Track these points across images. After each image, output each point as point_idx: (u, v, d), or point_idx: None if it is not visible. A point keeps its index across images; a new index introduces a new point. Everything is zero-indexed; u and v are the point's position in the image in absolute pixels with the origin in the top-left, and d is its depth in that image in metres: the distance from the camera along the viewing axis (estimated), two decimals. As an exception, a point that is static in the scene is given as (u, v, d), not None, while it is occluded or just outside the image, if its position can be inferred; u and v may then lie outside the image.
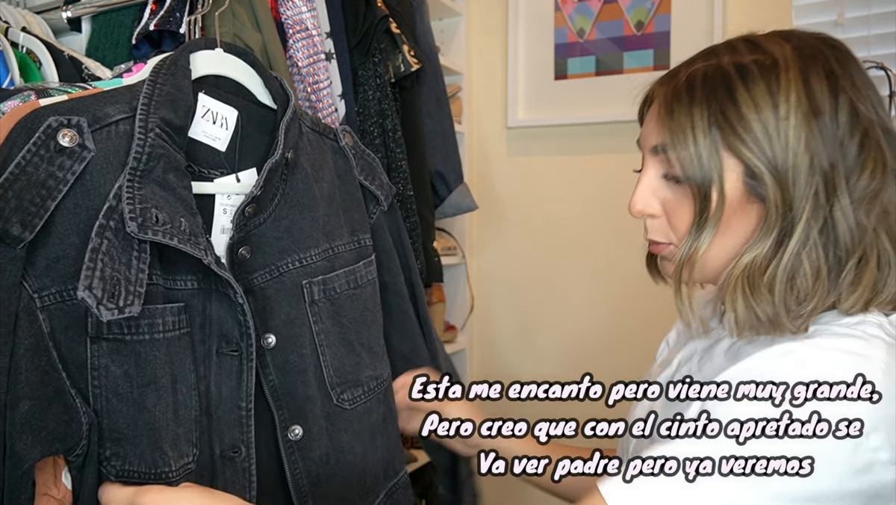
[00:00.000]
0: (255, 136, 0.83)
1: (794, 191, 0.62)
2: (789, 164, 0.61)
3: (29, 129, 0.64)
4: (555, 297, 2.02)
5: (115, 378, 0.66)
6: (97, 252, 0.63)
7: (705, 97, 0.64)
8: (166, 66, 0.74)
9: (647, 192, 0.70)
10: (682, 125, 0.64)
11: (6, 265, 0.61)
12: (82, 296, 0.61)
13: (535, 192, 2.05)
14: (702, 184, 0.64)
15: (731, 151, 0.63)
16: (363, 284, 0.88)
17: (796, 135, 0.61)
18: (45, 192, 0.62)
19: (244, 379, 0.75)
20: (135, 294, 0.64)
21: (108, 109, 0.69)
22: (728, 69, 0.64)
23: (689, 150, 0.64)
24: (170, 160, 0.70)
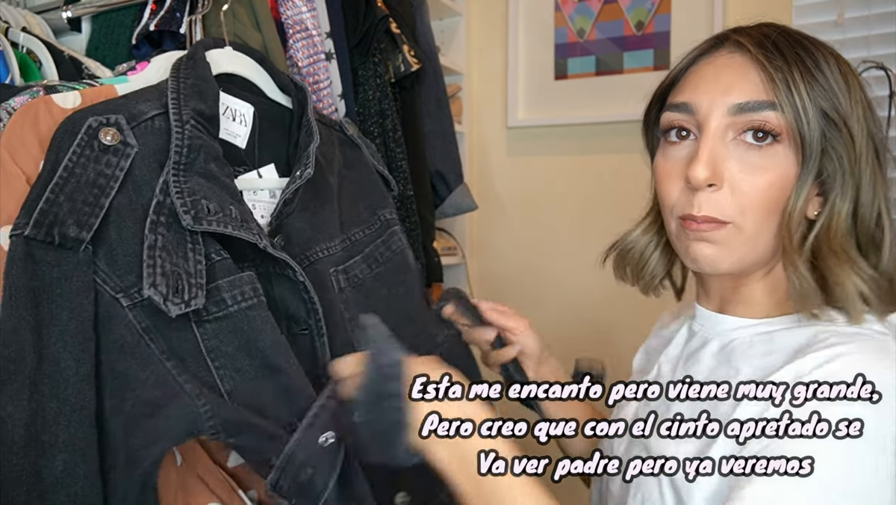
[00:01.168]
0: (270, 132, 0.84)
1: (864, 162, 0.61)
2: (859, 135, 0.61)
3: (71, 133, 0.64)
4: (555, 297, 2.02)
5: (230, 357, 0.66)
6: (154, 249, 0.63)
7: (796, 57, 0.61)
8: (184, 62, 0.75)
9: (715, 157, 0.62)
10: (788, 81, 0.60)
11: (72, 271, 0.60)
12: (148, 294, 0.61)
13: (535, 192, 2.05)
14: (811, 142, 0.59)
15: (824, 116, 0.60)
16: (386, 258, 0.87)
17: (863, 109, 0.62)
18: (97, 191, 0.62)
19: (318, 356, 0.75)
20: (198, 286, 0.64)
21: (142, 107, 0.69)
22: (796, 35, 0.63)
23: (798, 107, 0.59)
24: (209, 150, 0.70)
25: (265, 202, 0.82)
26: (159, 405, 0.61)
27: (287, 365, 0.67)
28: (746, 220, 0.62)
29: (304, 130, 0.82)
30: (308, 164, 0.77)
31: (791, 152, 0.61)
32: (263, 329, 0.67)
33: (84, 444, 0.59)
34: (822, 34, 1.88)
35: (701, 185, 0.62)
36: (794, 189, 0.60)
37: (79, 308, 0.60)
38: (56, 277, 0.60)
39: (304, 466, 0.64)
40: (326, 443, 0.65)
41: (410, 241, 1.37)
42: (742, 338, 0.67)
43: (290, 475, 0.63)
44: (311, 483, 0.65)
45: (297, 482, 0.64)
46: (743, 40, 0.63)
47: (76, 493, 0.58)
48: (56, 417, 0.58)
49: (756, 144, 0.61)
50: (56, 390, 0.59)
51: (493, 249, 2.12)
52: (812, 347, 0.60)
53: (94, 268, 0.62)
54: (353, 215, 0.87)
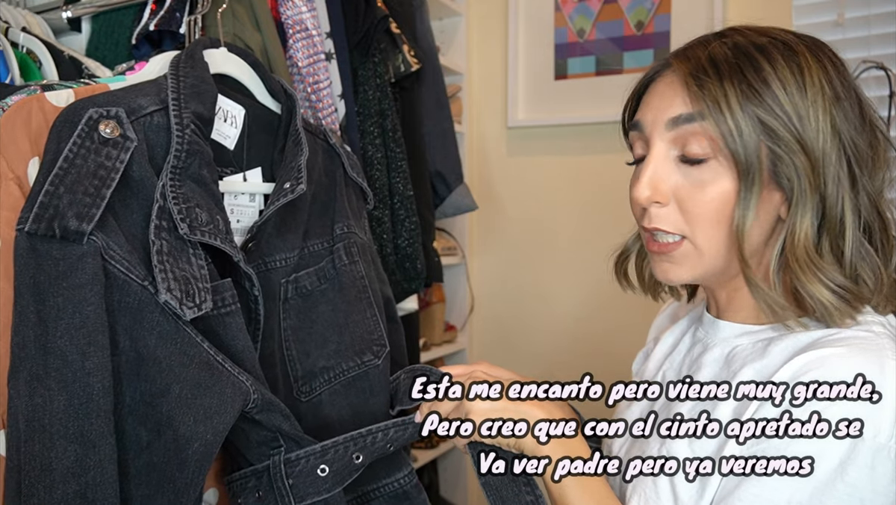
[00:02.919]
0: (259, 136, 0.84)
1: (826, 172, 0.60)
2: (819, 146, 0.60)
3: (71, 123, 0.64)
4: (555, 297, 2.02)
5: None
6: (161, 253, 0.64)
7: (733, 71, 0.61)
8: (183, 59, 0.75)
9: (656, 176, 0.64)
10: (716, 96, 0.60)
11: (76, 263, 0.60)
12: (165, 298, 0.62)
13: (535, 192, 2.05)
14: (746, 157, 0.60)
15: (763, 128, 0.60)
16: (331, 276, 0.87)
17: (824, 117, 0.60)
18: (98, 182, 0.62)
19: None
20: (205, 290, 0.66)
21: (141, 101, 0.69)
22: (749, 47, 0.62)
23: (728, 121, 0.60)
24: (203, 156, 0.71)
25: (244, 206, 0.82)
26: (207, 385, 0.63)
27: (253, 368, 0.70)
28: (696, 234, 0.64)
29: (292, 140, 0.82)
30: (300, 179, 0.78)
31: (726, 167, 0.62)
32: (236, 336, 0.70)
33: (94, 434, 0.60)
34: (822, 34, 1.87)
35: (644, 203, 0.65)
36: (738, 203, 0.61)
37: (85, 301, 0.60)
38: (61, 271, 0.60)
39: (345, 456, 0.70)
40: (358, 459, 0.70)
41: (410, 241, 1.38)
42: (744, 345, 0.67)
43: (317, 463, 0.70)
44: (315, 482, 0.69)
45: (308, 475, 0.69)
46: (680, 64, 0.64)
47: (87, 482, 0.59)
48: (66, 410, 0.59)
49: (693, 161, 0.63)
50: (63, 384, 0.59)
51: (493, 249, 2.12)
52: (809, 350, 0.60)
53: (115, 257, 0.62)
54: (318, 226, 0.87)
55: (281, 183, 0.79)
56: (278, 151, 0.85)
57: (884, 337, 0.60)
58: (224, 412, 0.64)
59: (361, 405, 0.89)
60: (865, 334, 0.60)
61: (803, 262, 0.60)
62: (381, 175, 1.35)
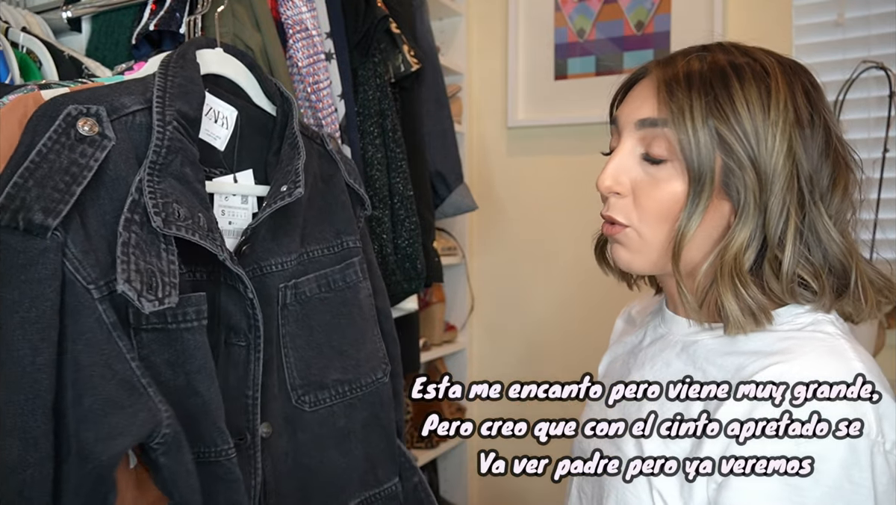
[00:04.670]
0: (252, 138, 0.83)
1: (772, 191, 0.63)
2: (771, 166, 0.63)
3: (49, 117, 0.63)
4: (555, 296, 2.02)
5: (157, 368, 0.66)
6: (128, 245, 0.63)
7: (704, 86, 0.65)
8: (174, 59, 0.74)
9: (619, 169, 0.69)
10: (682, 106, 0.64)
11: (37, 258, 0.60)
12: (122, 289, 0.61)
13: (535, 192, 2.05)
14: (699, 167, 0.64)
15: (720, 142, 0.64)
16: (337, 287, 0.88)
17: (781, 140, 0.63)
18: (69, 179, 0.61)
19: (251, 369, 0.76)
20: (171, 285, 0.64)
21: (124, 100, 0.69)
22: (725, 65, 0.66)
23: (688, 131, 0.64)
24: (186, 154, 0.70)
25: (236, 207, 0.82)
26: (121, 404, 0.61)
27: (206, 391, 0.68)
28: (643, 226, 0.68)
29: (288, 143, 0.82)
30: (298, 183, 0.77)
31: (680, 171, 0.66)
32: (194, 354, 0.68)
33: (37, 432, 0.59)
34: (822, 34, 1.88)
35: (604, 192, 0.70)
36: (686, 206, 0.65)
37: (41, 296, 0.59)
38: (21, 264, 0.59)
39: None
40: None
41: (410, 241, 1.38)
42: (704, 341, 0.70)
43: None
44: None
45: None
46: (659, 71, 0.69)
47: (25, 480, 0.58)
48: (7, 405, 0.58)
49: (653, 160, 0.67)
50: (11, 378, 0.58)
51: (493, 249, 2.12)
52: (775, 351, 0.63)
53: (68, 256, 0.61)
54: (317, 232, 0.86)
55: (277, 186, 0.78)
56: (272, 154, 0.84)
57: (838, 337, 0.63)
58: (127, 434, 0.61)
59: (371, 418, 0.90)
60: (822, 336, 0.64)
61: (726, 271, 0.64)
62: (381, 175, 1.35)
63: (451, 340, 2.02)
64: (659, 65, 0.69)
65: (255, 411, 0.76)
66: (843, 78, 1.57)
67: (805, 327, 0.65)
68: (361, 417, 0.89)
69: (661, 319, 0.77)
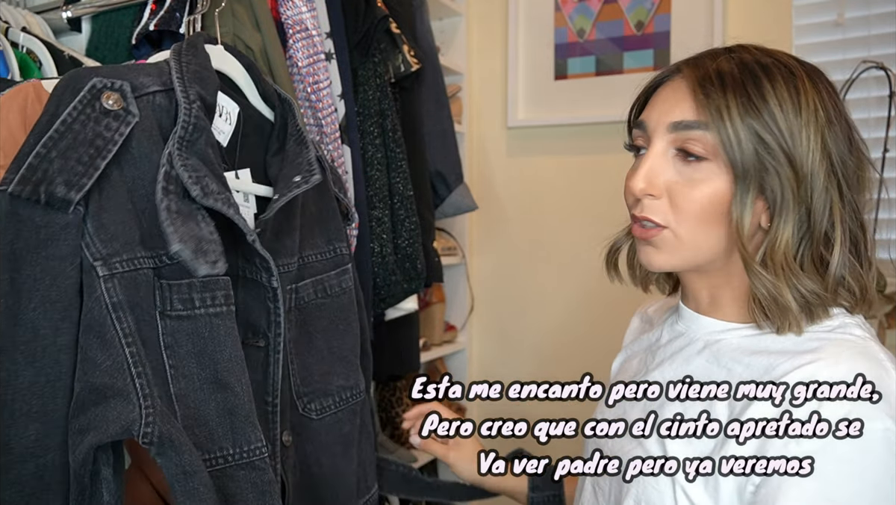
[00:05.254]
0: (251, 137, 0.82)
1: (814, 187, 0.64)
2: (808, 162, 0.64)
3: (73, 89, 0.61)
4: (555, 297, 2.02)
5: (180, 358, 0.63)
6: (170, 211, 0.61)
7: (737, 87, 0.65)
8: (185, 48, 0.73)
9: (653, 171, 0.69)
10: (719, 107, 0.65)
11: (58, 233, 0.57)
12: (177, 249, 0.58)
13: (535, 192, 2.05)
14: (742, 163, 0.64)
15: (759, 140, 0.64)
16: (334, 293, 0.87)
17: (815, 136, 0.64)
18: (93, 151, 0.59)
19: (270, 372, 0.73)
20: (217, 252, 0.62)
21: (143, 80, 0.67)
22: (753, 65, 0.66)
23: (729, 132, 0.64)
24: (209, 136, 0.68)
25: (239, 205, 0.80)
26: (106, 396, 0.58)
27: (237, 384, 0.65)
28: (681, 226, 0.68)
29: (294, 140, 0.81)
30: (313, 171, 0.75)
31: (723, 170, 0.66)
32: (224, 341, 0.64)
33: (58, 414, 0.57)
34: (822, 34, 1.88)
35: (638, 195, 0.70)
36: (734, 203, 0.65)
37: (63, 274, 0.57)
38: (42, 239, 0.57)
39: None
40: None
41: (410, 241, 1.38)
42: (728, 340, 0.70)
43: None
44: None
45: None
46: (690, 71, 0.69)
47: (45, 464, 0.57)
48: (31, 386, 0.56)
49: (689, 160, 0.67)
50: (32, 359, 0.56)
51: (493, 249, 2.12)
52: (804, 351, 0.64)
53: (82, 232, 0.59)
54: (310, 237, 0.85)
55: (288, 178, 0.76)
56: (271, 155, 0.84)
57: (868, 340, 0.64)
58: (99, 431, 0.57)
59: (363, 425, 0.90)
60: (852, 339, 0.64)
61: (780, 267, 0.64)
62: (381, 175, 1.35)
63: (451, 340, 2.02)
64: (688, 65, 0.70)
65: (276, 419, 0.73)
66: (843, 78, 1.56)
67: (835, 329, 0.65)
68: (359, 423, 0.88)
69: (677, 317, 0.78)
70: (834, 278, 0.65)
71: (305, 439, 0.81)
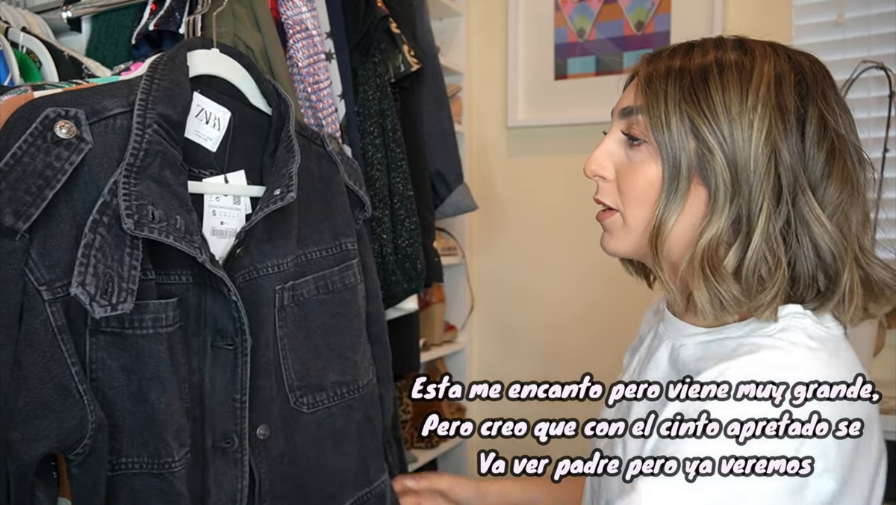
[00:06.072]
0: (245, 139, 0.83)
1: (750, 179, 0.62)
2: (747, 151, 0.62)
3: (26, 119, 0.63)
4: (555, 296, 2.02)
5: (110, 371, 0.66)
6: (90, 248, 0.63)
7: (681, 75, 0.65)
8: (163, 62, 0.74)
9: (604, 154, 0.72)
10: (657, 93, 0.66)
11: (5, 258, 0.60)
12: (75, 292, 0.61)
13: (535, 192, 2.05)
14: (670, 149, 0.65)
15: (692, 126, 0.64)
16: (336, 289, 0.87)
17: (759, 126, 0.62)
18: (42, 182, 0.62)
19: (238, 372, 0.76)
20: (127, 291, 0.64)
21: (106, 102, 0.68)
22: (709, 59, 0.66)
23: (661, 115, 0.65)
24: (166, 156, 0.70)
25: (227, 208, 0.81)
26: (53, 409, 0.62)
27: (157, 399, 0.68)
28: (626, 210, 0.70)
29: (284, 146, 0.81)
30: (291, 187, 0.77)
31: (654, 154, 0.66)
32: (147, 361, 0.68)
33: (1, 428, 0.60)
34: (822, 34, 1.88)
35: (588, 175, 0.73)
36: (663, 191, 0.65)
37: (7, 296, 0.60)
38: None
39: None
40: None
41: (410, 241, 1.38)
42: (687, 345, 0.70)
43: None
44: None
45: None
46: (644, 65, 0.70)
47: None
48: None
49: (634, 144, 0.69)
50: None
51: (493, 249, 2.12)
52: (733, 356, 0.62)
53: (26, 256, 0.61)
54: (315, 233, 0.86)
55: (271, 189, 0.78)
56: (268, 156, 0.84)
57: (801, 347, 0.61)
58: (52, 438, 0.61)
59: (365, 419, 0.91)
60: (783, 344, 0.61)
61: (696, 264, 0.63)
62: (381, 175, 1.35)
63: (451, 340, 2.02)
64: (646, 60, 0.71)
65: (244, 414, 0.76)
66: (843, 78, 1.57)
67: (775, 334, 0.63)
68: (357, 418, 0.89)
69: (663, 319, 0.77)
70: (746, 280, 0.62)
71: (295, 432, 0.83)
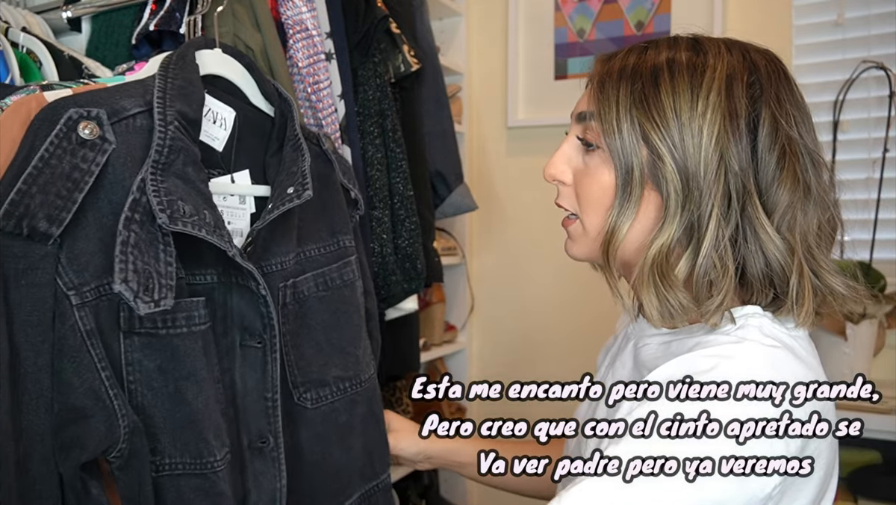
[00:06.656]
0: (249, 139, 0.83)
1: (700, 185, 0.61)
2: (697, 157, 0.62)
3: (50, 122, 0.63)
4: (555, 297, 2.02)
5: (148, 372, 0.66)
6: (126, 245, 0.63)
7: (633, 79, 0.65)
8: (174, 61, 0.74)
9: (562, 159, 0.72)
10: (609, 98, 0.65)
11: (38, 263, 0.60)
12: (119, 289, 0.61)
13: (535, 192, 2.04)
14: (622, 156, 0.64)
15: (643, 133, 0.63)
16: (335, 285, 0.88)
17: (709, 132, 0.62)
18: (71, 185, 0.62)
19: (269, 370, 0.76)
20: (167, 287, 0.64)
21: (125, 102, 0.69)
22: (661, 60, 0.65)
23: (612, 121, 0.65)
24: (188, 154, 0.70)
25: (234, 208, 0.82)
26: (86, 414, 0.62)
27: (195, 399, 0.68)
28: (583, 216, 0.70)
29: (291, 145, 0.82)
30: (306, 186, 0.78)
31: (607, 160, 0.66)
32: (183, 360, 0.68)
33: (41, 430, 0.60)
34: (821, 34, 1.88)
35: (547, 180, 0.73)
36: (616, 199, 0.65)
37: (41, 300, 0.60)
38: (22, 269, 0.60)
39: None
40: None
41: (410, 241, 1.38)
42: (650, 344, 0.70)
43: None
44: None
45: None
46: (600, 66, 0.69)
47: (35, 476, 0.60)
48: (18, 405, 0.59)
49: (589, 150, 0.69)
50: (16, 380, 0.60)
51: (493, 249, 2.12)
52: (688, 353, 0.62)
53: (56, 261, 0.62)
54: (312, 231, 0.86)
55: (283, 188, 0.78)
56: (270, 155, 0.84)
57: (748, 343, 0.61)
58: (84, 448, 0.61)
59: (368, 413, 0.91)
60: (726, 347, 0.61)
61: (646, 272, 0.63)
62: (381, 175, 1.35)
63: (451, 340, 2.02)
64: (600, 61, 0.70)
65: (276, 413, 0.76)
66: (843, 78, 1.57)
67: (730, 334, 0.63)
68: (360, 413, 0.89)
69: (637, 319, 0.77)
70: (696, 287, 0.62)
71: (300, 427, 0.83)
